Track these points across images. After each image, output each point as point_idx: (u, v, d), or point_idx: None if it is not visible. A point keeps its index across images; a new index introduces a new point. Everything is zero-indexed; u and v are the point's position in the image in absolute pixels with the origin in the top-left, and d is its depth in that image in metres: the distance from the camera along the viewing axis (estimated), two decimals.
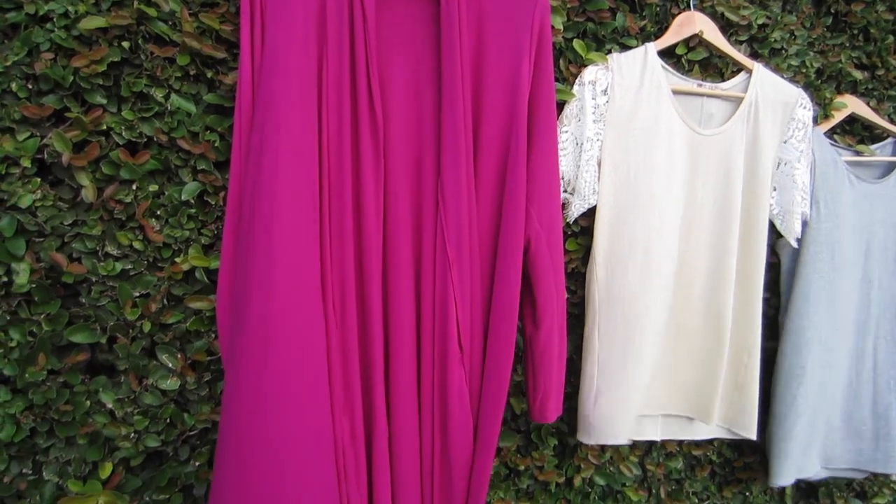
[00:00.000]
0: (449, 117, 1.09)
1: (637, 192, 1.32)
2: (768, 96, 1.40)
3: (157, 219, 1.12)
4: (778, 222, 1.46)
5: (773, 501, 1.80)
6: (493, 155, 1.14)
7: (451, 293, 1.11)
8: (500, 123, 1.14)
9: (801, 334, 1.52)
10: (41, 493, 1.11)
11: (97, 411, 1.13)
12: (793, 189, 1.42)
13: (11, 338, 1.06)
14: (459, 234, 1.11)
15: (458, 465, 1.15)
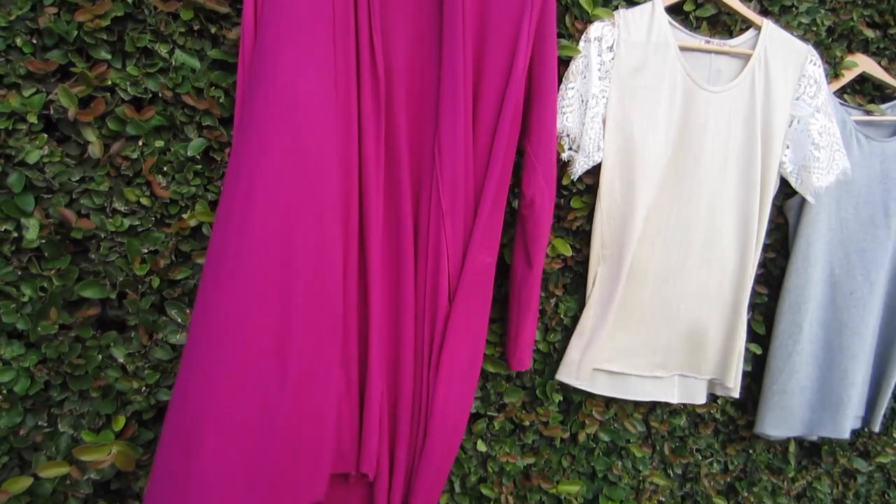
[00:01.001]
0: (449, 72, 1.10)
1: (642, 150, 1.31)
2: (777, 53, 1.38)
3: (163, 175, 1.12)
4: (793, 179, 1.45)
5: (777, 459, 1.82)
6: (492, 111, 1.15)
7: (443, 245, 1.13)
8: (500, 80, 1.15)
9: (800, 293, 1.53)
10: (56, 445, 1.14)
11: (109, 366, 1.15)
12: (809, 145, 1.41)
13: (23, 293, 1.08)
14: (454, 187, 1.13)
15: (441, 414, 1.18)
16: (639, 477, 1.63)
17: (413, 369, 1.18)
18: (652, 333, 1.42)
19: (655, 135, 1.31)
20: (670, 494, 1.70)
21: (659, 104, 1.32)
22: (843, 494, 1.98)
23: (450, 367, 1.18)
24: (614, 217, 1.34)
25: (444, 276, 1.15)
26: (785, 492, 1.85)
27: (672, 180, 1.35)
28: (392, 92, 1.12)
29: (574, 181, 1.34)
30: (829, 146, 1.41)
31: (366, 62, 1.07)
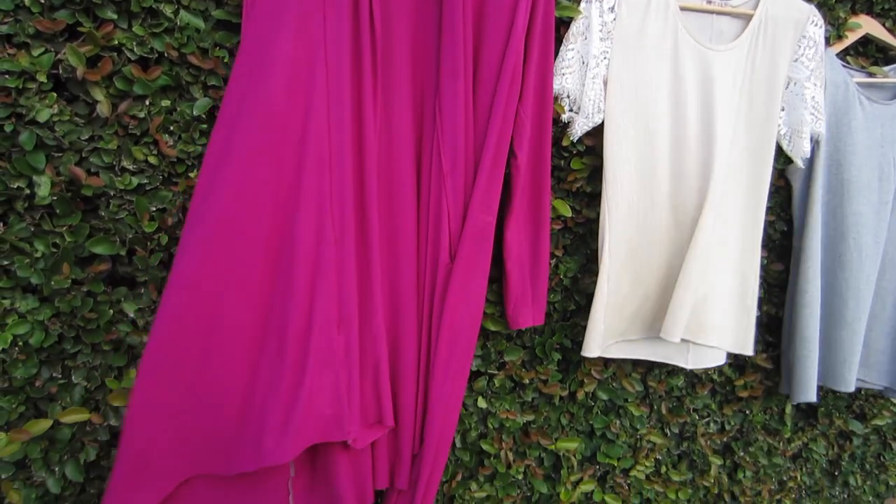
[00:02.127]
0: (449, 34, 1.13)
1: (645, 111, 1.33)
2: (779, 13, 1.39)
3: (170, 134, 1.15)
4: (785, 143, 1.46)
5: (774, 420, 1.86)
6: (491, 72, 1.18)
7: (444, 204, 1.16)
8: (500, 42, 1.17)
9: (817, 258, 1.54)
10: (71, 396, 1.18)
11: (120, 320, 1.19)
12: (802, 108, 1.42)
13: (36, 248, 1.11)
14: (455, 148, 1.16)
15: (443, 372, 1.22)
16: (636, 435, 1.67)
17: (416, 326, 1.22)
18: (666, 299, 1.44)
19: (661, 94, 1.32)
20: (667, 453, 1.74)
21: (661, 65, 1.33)
22: (839, 456, 2.02)
23: (451, 324, 1.21)
24: (625, 182, 1.35)
25: (444, 234, 1.18)
26: (781, 452, 1.89)
27: (677, 142, 1.36)
28: (392, 53, 1.14)
29: (574, 142, 1.36)
30: (814, 110, 1.43)
31: (365, 24, 1.08)
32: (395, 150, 1.17)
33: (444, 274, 1.20)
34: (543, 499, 1.61)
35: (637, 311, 1.43)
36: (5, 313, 1.11)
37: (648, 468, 1.69)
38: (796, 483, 1.97)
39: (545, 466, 1.59)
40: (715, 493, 1.84)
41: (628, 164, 1.35)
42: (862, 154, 1.54)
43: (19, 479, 1.17)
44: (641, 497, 1.72)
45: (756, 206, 1.47)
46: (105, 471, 1.23)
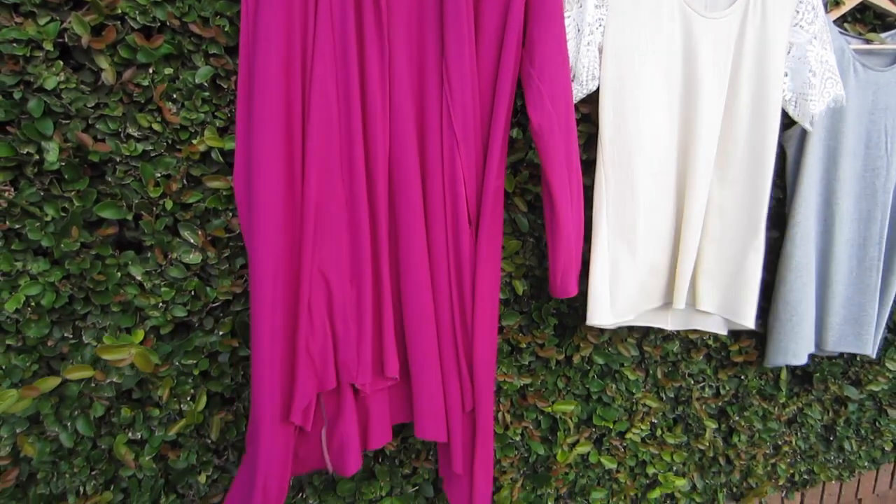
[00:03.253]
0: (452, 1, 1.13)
1: (640, 78, 1.34)
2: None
3: (173, 102, 1.18)
4: (791, 108, 1.47)
5: (769, 385, 1.89)
6: (494, 36, 1.19)
7: (459, 171, 1.18)
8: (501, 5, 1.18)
9: (807, 224, 1.56)
10: (82, 356, 1.23)
11: (127, 283, 1.23)
12: (807, 73, 1.42)
13: (46, 213, 1.15)
14: (465, 115, 1.18)
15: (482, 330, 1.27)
16: (632, 399, 1.71)
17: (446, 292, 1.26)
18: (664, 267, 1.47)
19: (657, 62, 1.34)
20: (662, 416, 1.78)
21: (657, 32, 1.34)
22: (834, 421, 2.05)
23: (484, 288, 1.26)
24: (617, 145, 1.37)
25: (462, 201, 1.21)
26: (776, 417, 1.93)
27: (673, 109, 1.38)
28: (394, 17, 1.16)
29: None
30: (823, 73, 1.43)
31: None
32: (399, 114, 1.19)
33: (467, 239, 1.23)
34: (541, 460, 1.66)
35: (645, 280, 1.45)
36: (18, 275, 1.15)
37: (644, 431, 1.73)
38: (791, 447, 2.01)
39: (542, 429, 1.63)
40: (710, 456, 1.88)
41: (623, 132, 1.36)
42: (849, 121, 1.55)
43: (34, 434, 1.23)
44: (637, 459, 1.77)
45: (757, 176, 1.46)
46: (114, 426, 1.28)
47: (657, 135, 1.38)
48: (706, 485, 1.92)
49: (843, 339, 1.70)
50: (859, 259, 1.68)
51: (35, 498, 1.27)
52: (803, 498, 2.20)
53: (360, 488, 1.49)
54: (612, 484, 1.77)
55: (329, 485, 1.48)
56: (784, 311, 1.61)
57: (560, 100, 1.21)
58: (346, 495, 1.49)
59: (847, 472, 2.19)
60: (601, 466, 1.72)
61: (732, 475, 1.95)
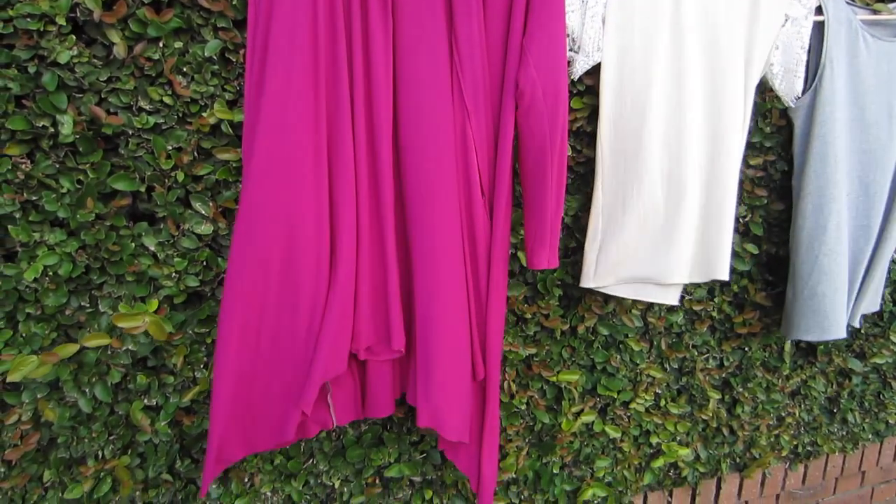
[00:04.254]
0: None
1: (641, 49, 1.35)
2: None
3: (183, 75, 1.20)
4: (776, 82, 1.48)
5: (773, 357, 1.91)
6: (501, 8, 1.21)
7: (470, 142, 1.21)
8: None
9: (821, 194, 1.56)
10: (98, 324, 1.27)
11: (141, 253, 1.27)
12: (798, 47, 1.43)
13: (62, 185, 1.18)
14: (475, 86, 1.20)
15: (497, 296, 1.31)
16: (636, 369, 1.73)
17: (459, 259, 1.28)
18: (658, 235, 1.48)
19: (657, 32, 1.35)
20: (666, 387, 1.81)
21: (656, 4, 1.34)
22: (838, 393, 2.07)
23: (500, 256, 1.30)
24: (616, 116, 1.38)
25: (474, 172, 1.24)
26: (779, 388, 1.95)
27: (673, 81, 1.39)
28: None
29: (574, 81, 1.39)
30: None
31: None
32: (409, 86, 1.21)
33: (480, 210, 1.26)
34: (546, 429, 1.69)
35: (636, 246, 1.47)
36: (36, 245, 1.19)
37: (648, 401, 1.76)
38: (794, 419, 2.03)
39: (547, 398, 1.66)
40: (714, 426, 1.91)
41: (622, 103, 1.37)
42: (869, 92, 1.55)
43: (54, 399, 1.27)
44: (641, 429, 1.80)
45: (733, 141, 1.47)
46: (131, 393, 1.32)
47: (657, 106, 1.38)
48: (710, 455, 1.95)
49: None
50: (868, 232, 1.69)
51: (56, 461, 1.32)
52: (807, 470, 2.22)
53: (369, 455, 1.53)
54: (616, 453, 1.81)
55: (339, 451, 1.52)
56: (797, 284, 1.61)
57: (546, 68, 1.22)
58: (356, 461, 1.53)
59: (850, 445, 2.21)
60: (605, 435, 1.75)
61: (736, 446, 1.98)
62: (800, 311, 1.63)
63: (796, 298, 1.63)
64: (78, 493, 1.31)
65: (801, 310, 1.63)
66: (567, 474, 1.77)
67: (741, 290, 1.77)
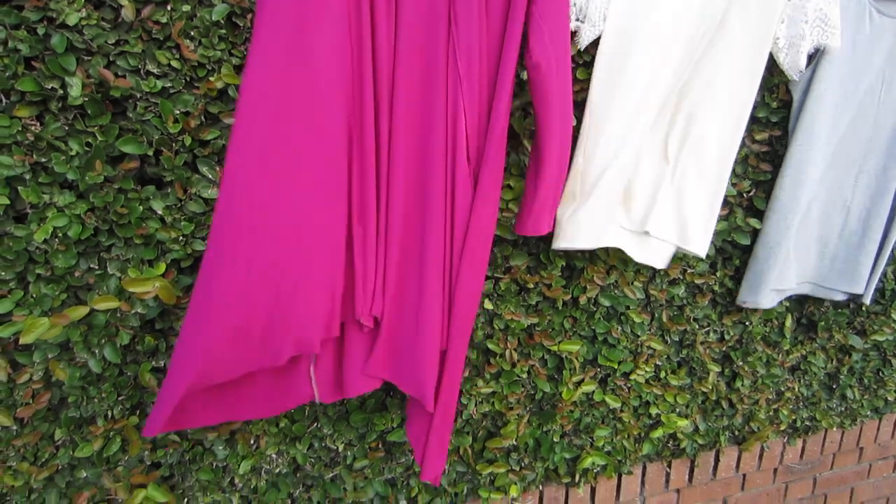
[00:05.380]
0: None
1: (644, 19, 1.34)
2: None
3: (191, 39, 1.21)
4: (781, 56, 1.47)
5: (773, 332, 1.93)
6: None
7: (460, 107, 1.21)
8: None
9: (801, 168, 1.58)
10: (107, 286, 1.29)
11: (149, 217, 1.28)
12: (802, 22, 1.42)
13: (71, 147, 1.20)
14: (469, 52, 1.20)
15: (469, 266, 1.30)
16: (637, 341, 1.75)
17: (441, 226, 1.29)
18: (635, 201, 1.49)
19: (658, 4, 1.34)
20: (666, 359, 1.83)
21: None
22: (837, 370, 2.09)
23: (476, 230, 1.29)
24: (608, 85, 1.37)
25: (461, 138, 1.24)
26: (779, 363, 1.96)
27: (672, 50, 1.38)
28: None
29: (580, 52, 1.39)
30: (814, 21, 1.43)
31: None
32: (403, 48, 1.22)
33: (463, 176, 1.26)
34: (546, 397, 1.71)
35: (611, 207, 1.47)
36: (45, 207, 1.20)
37: (648, 373, 1.78)
38: (794, 394, 2.05)
39: (548, 367, 1.68)
40: (713, 399, 1.93)
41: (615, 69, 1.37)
42: (867, 68, 1.55)
43: (64, 360, 1.30)
44: (641, 399, 1.82)
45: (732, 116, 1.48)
46: (139, 354, 1.35)
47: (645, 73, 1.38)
48: (709, 427, 1.97)
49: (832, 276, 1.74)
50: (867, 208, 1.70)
51: (66, 420, 1.34)
52: (805, 444, 2.25)
53: (373, 419, 1.56)
54: (615, 423, 1.83)
55: (343, 415, 1.55)
56: (761, 249, 1.65)
57: (559, 39, 1.23)
58: (359, 425, 1.55)
59: (849, 421, 2.23)
60: (605, 405, 1.77)
61: (735, 419, 2.00)
62: (757, 276, 1.68)
63: (761, 263, 1.67)
64: (88, 451, 1.34)
65: (760, 274, 1.68)
66: (567, 443, 1.79)
67: (743, 264, 1.78)
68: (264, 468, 1.53)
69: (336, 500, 1.62)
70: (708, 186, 1.50)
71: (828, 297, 1.79)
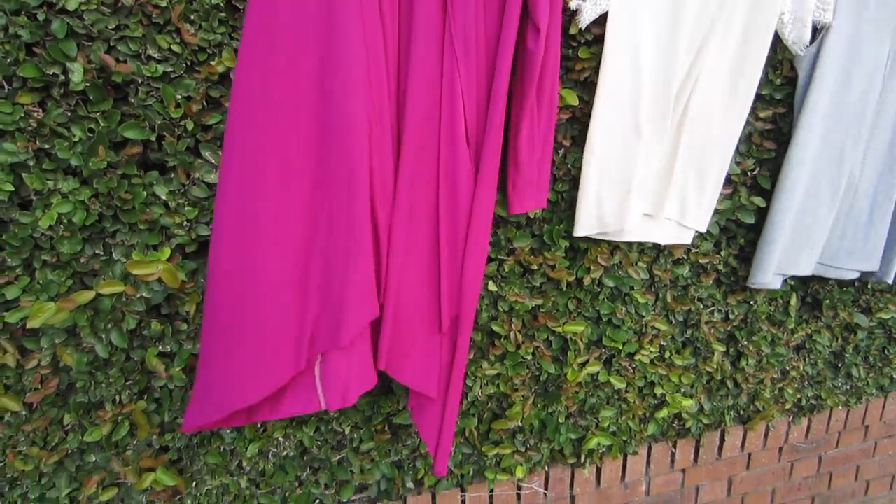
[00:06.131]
0: None
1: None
2: None
3: (191, 23, 1.21)
4: (787, 31, 1.46)
5: (778, 311, 1.93)
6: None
7: (458, 89, 1.21)
8: None
9: (808, 147, 1.57)
10: (112, 271, 1.29)
11: (153, 202, 1.29)
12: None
13: (74, 133, 1.20)
14: (466, 34, 1.20)
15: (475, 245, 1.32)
16: (641, 322, 1.75)
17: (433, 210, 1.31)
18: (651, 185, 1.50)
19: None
20: (671, 339, 1.83)
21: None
22: (843, 348, 2.09)
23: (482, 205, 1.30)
24: (619, 64, 1.37)
25: (460, 120, 1.24)
26: (784, 342, 1.96)
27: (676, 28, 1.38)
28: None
29: (582, 31, 1.38)
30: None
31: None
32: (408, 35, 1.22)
33: (464, 158, 1.27)
34: (551, 378, 1.72)
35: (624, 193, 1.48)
36: (50, 193, 1.21)
37: (653, 353, 1.78)
38: (799, 373, 2.05)
39: (553, 348, 1.69)
40: (718, 379, 1.93)
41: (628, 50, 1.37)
42: (872, 43, 1.53)
43: (71, 345, 1.31)
44: (646, 380, 1.83)
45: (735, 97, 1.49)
46: (145, 339, 1.36)
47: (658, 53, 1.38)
48: (714, 407, 1.98)
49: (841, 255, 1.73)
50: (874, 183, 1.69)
51: (75, 405, 1.36)
52: (810, 423, 2.25)
53: (378, 402, 1.57)
54: (620, 403, 1.84)
55: None
56: (770, 230, 1.63)
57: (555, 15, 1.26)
58: (365, 408, 1.57)
59: (854, 399, 2.24)
60: (610, 386, 1.78)
61: (740, 398, 2.00)
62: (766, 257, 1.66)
63: (770, 244, 1.65)
64: (97, 435, 1.36)
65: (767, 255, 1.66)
66: (572, 423, 1.80)
67: (747, 243, 1.78)
68: (271, 451, 1.54)
69: (343, 483, 1.63)
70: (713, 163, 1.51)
71: (839, 276, 1.77)
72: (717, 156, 1.51)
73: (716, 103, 1.46)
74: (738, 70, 1.45)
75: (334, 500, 1.64)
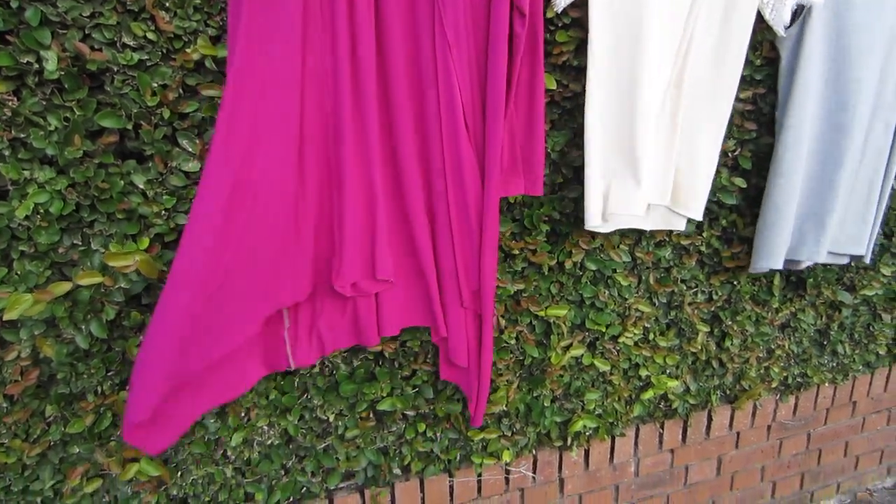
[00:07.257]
0: None
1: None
2: None
3: (166, 10, 1.20)
4: (767, 11, 1.47)
5: (762, 291, 1.94)
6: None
7: (453, 76, 1.21)
8: None
9: (800, 128, 1.57)
10: (91, 262, 1.29)
11: (131, 191, 1.28)
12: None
13: (49, 122, 1.19)
14: (456, 18, 1.20)
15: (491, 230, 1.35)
16: (624, 304, 1.76)
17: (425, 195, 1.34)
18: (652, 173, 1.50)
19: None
20: (655, 321, 1.84)
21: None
22: (827, 326, 2.10)
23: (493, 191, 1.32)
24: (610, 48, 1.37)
25: (458, 107, 1.25)
26: (769, 321, 1.98)
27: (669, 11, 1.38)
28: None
29: (558, 14, 1.38)
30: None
31: None
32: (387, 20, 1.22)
33: (465, 144, 1.28)
34: (535, 362, 1.73)
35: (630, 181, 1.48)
36: (26, 183, 1.20)
37: (637, 335, 1.79)
38: (784, 351, 2.07)
39: (536, 333, 1.69)
40: (703, 359, 1.95)
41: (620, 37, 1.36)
42: (864, 20, 1.52)
43: (51, 336, 1.30)
44: (630, 362, 1.84)
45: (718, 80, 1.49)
46: (126, 330, 1.36)
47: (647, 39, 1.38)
48: (699, 387, 1.99)
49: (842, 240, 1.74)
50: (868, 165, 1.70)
51: (56, 397, 1.35)
52: (797, 401, 2.27)
53: (362, 389, 1.57)
54: (606, 386, 1.85)
55: (332, 386, 1.56)
56: (770, 213, 1.63)
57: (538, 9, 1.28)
58: (349, 396, 1.57)
59: (841, 376, 2.25)
60: (595, 369, 1.79)
61: (725, 378, 2.02)
62: (770, 241, 1.65)
63: (772, 227, 1.65)
64: (80, 427, 1.36)
65: (774, 238, 1.65)
66: (558, 407, 1.81)
67: (729, 224, 1.78)
68: (256, 440, 1.54)
69: (329, 470, 1.64)
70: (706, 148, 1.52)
71: (837, 262, 1.79)
72: (709, 141, 1.51)
73: (701, 92, 1.47)
74: (721, 54, 1.45)
75: (321, 488, 1.64)
